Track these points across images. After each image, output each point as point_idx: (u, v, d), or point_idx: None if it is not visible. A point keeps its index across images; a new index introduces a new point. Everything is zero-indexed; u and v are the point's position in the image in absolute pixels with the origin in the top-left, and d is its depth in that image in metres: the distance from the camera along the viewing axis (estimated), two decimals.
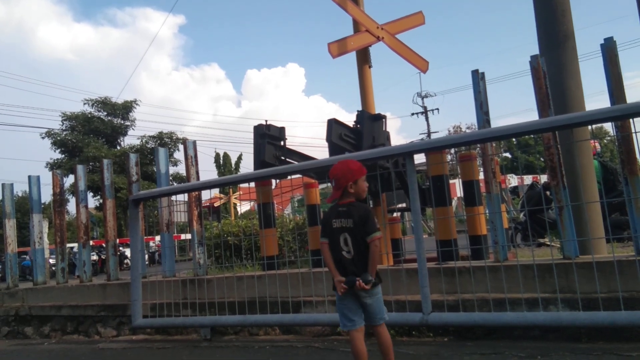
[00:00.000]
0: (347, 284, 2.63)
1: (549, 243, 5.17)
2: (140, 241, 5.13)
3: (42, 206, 6.75)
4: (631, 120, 3.36)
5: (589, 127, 4.48)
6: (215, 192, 24.19)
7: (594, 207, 4.47)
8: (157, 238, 16.85)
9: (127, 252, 17.39)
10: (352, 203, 2.73)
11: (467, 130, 42.81)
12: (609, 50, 3.66)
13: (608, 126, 3.78)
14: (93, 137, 29.84)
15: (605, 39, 3.70)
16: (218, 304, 4.65)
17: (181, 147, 30.27)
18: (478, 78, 4.07)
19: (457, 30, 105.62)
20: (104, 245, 6.91)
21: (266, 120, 5.51)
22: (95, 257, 17.55)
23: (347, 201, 2.73)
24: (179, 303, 4.85)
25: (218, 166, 41.56)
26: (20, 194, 36.15)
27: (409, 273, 3.95)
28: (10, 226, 6.58)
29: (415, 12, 7.43)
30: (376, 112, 6.10)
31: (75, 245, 7.73)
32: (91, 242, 6.65)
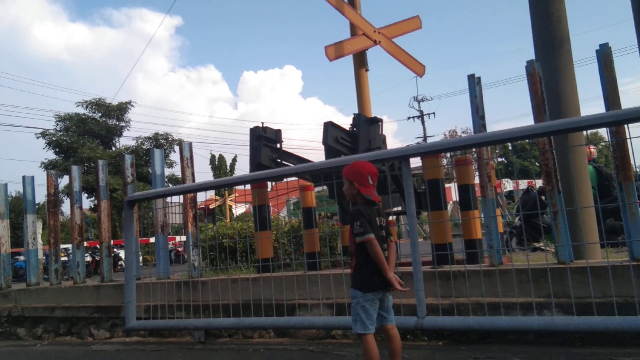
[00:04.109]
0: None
1: (543, 247, 5.18)
2: (134, 242, 5.11)
3: (36, 207, 6.71)
4: (626, 126, 3.37)
5: (584, 132, 4.50)
6: (211, 194, 24.17)
7: (589, 212, 4.49)
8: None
9: (122, 253, 17.31)
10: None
11: (463, 135, 42.93)
12: (604, 56, 3.68)
13: (603, 132, 3.80)
14: (88, 138, 29.75)
15: (600, 45, 3.72)
16: (212, 307, 4.64)
17: (177, 148, 30.25)
18: (474, 82, 4.08)
19: (454, 35, 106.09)
20: (98, 246, 6.87)
21: (262, 123, 5.52)
22: (89, 259, 17.45)
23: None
24: (173, 305, 4.83)
25: (213, 168, 41.49)
26: (14, 194, 35.94)
27: (404, 276, 3.92)
28: (4, 226, 6.54)
29: (412, 17, 7.46)
30: (373, 115, 6.12)
31: (69, 246, 7.70)
32: (85, 244, 6.61)
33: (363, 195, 2.77)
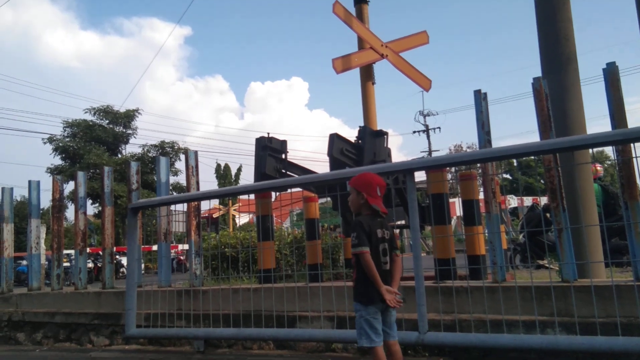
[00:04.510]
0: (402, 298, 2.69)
1: (547, 265, 5.14)
2: (137, 250, 5.10)
3: (41, 212, 6.73)
4: (632, 145, 3.36)
5: (590, 150, 4.49)
6: (215, 202, 24.20)
7: (594, 230, 4.46)
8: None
9: (124, 260, 17.31)
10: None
11: (468, 150, 42.89)
12: (611, 75, 3.68)
13: (609, 150, 3.79)
14: (94, 145, 29.95)
15: (607, 64, 3.72)
16: (212, 316, 4.62)
17: (182, 156, 30.42)
18: (480, 98, 4.08)
19: (461, 51, 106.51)
20: (100, 253, 6.88)
21: (268, 133, 5.53)
22: (91, 265, 17.46)
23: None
24: (174, 314, 4.81)
25: (219, 177, 41.61)
26: (19, 199, 36.09)
27: (405, 291, 3.92)
28: (8, 230, 6.56)
29: (419, 32, 7.50)
30: (378, 128, 6.13)
31: (72, 251, 7.70)
32: (87, 250, 6.62)
33: (371, 205, 2.76)
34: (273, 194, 5.35)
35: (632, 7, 4.18)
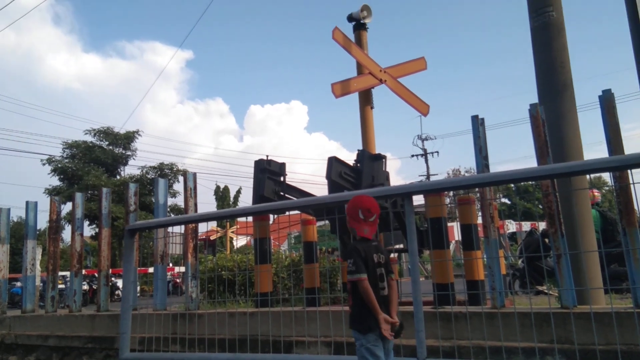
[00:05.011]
0: (397, 331, 2.62)
1: (547, 291, 5.10)
2: (133, 272, 5.06)
3: (38, 232, 6.70)
4: (629, 171, 3.38)
5: (587, 176, 4.51)
6: (212, 225, 24.08)
7: (592, 256, 4.44)
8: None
9: (119, 282, 17.13)
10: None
11: (466, 174, 43.00)
12: (607, 102, 3.73)
13: (606, 176, 3.80)
14: (93, 166, 29.94)
15: (603, 91, 3.77)
16: (208, 341, 4.55)
17: (181, 178, 30.41)
18: (478, 123, 4.12)
19: (459, 76, 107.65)
20: (95, 274, 6.82)
21: (267, 156, 5.55)
22: (86, 287, 17.27)
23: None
24: (168, 338, 4.75)
25: (218, 198, 41.55)
26: (15, 219, 35.91)
27: (404, 316, 3.87)
28: (3, 251, 6.52)
29: (417, 58, 7.61)
30: (376, 152, 6.15)
31: (67, 273, 7.63)
32: (83, 271, 6.56)
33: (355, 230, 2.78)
34: (271, 216, 5.33)
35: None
